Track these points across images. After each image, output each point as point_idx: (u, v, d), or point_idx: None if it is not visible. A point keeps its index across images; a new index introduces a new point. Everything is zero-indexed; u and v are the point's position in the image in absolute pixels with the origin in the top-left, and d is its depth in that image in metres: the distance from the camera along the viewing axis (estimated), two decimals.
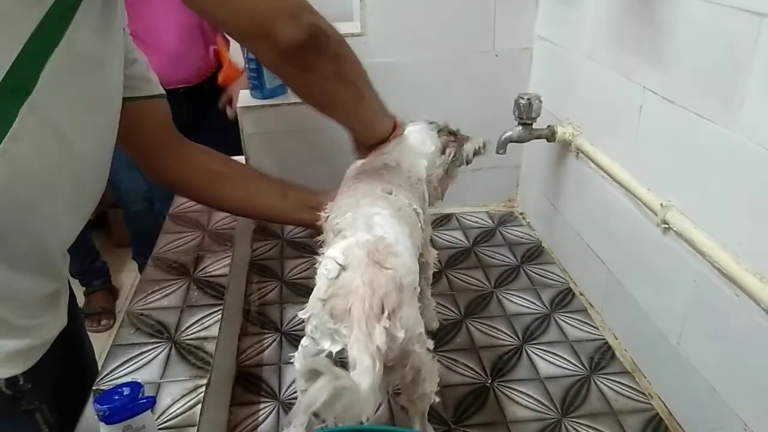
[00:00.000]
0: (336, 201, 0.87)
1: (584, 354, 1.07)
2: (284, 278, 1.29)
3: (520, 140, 1.25)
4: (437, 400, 0.76)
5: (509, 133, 1.23)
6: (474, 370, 1.03)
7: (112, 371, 0.81)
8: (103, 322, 2.33)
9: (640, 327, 1.01)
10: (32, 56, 0.61)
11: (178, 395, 0.77)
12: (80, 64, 0.67)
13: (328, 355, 0.67)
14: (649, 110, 0.95)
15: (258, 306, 1.21)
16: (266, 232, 1.47)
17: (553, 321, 1.16)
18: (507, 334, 1.12)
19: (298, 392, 0.78)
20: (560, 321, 1.16)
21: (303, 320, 0.71)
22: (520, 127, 1.23)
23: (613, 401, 0.97)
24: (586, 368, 1.04)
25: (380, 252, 0.69)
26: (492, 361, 1.05)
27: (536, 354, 1.07)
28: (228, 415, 0.94)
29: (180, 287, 0.99)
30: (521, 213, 1.55)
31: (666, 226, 0.91)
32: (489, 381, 1.01)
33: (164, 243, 1.13)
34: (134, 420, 0.65)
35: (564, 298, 1.23)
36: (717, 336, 0.83)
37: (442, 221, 1.51)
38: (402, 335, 0.65)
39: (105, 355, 0.85)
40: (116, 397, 0.65)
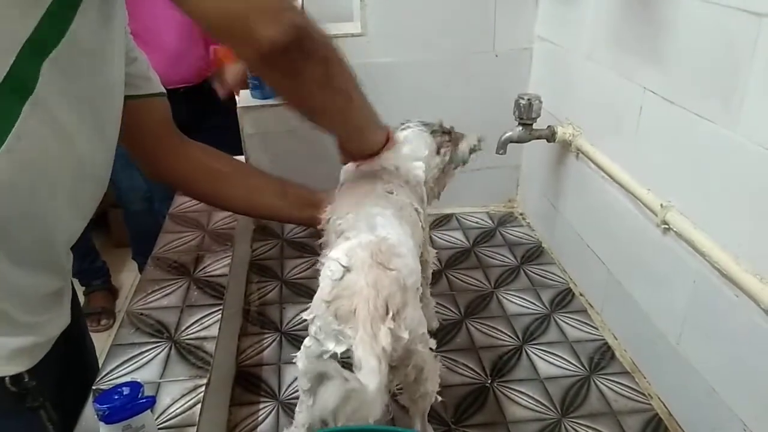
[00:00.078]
0: (336, 202, 0.87)
1: (584, 354, 1.07)
2: (284, 278, 1.29)
3: (520, 140, 1.25)
4: (439, 400, 0.76)
5: (509, 134, 1.24)
6: (474, 371, 1.03)
7: (112, 371, 0.81)
8: (103, 322, 2.33)
9: (640, 327, 1.01)
10: (33, 55, 0.61)
11: (178, 395, 0.77)
12: (81, 62, 0.67)
13: (333, 356, 0.67)
14: (649, 110, 0.95)
15: (258, 306, 1.21)
16: (266, 232, 1.47)
17: (553, 321, 1.16)
18: (507, 335, 1.12)
19: (300, 392, 0.78)
20: (560, 321, 1.16)
21: (304, 320, 0.71)
22: (520, 128, 1.23)
23: (613, 401, 0.97)
24: (586, 368, 1.04)
25: (384, 253, 0.69)
26: (492, 362, 1.05)
27: (536, 354, 1.07)
28: (228, 415, 0.94)
29: (180, 287, 0.99)
30: (521, 213, 1.55)
31: (666, 227, 0.91)
32: (489, 381, 1.01)
33: (164, 243, 1.13)
34: (134, 420, 0.65)
35: (564, 299, 1.23)
36: (717, 336, 0.83)
37: (442, 221, 1.51)
38: (406, 336, 0.65)
39: (105, 355, 0.85)
40: (116, 397, 0.65)
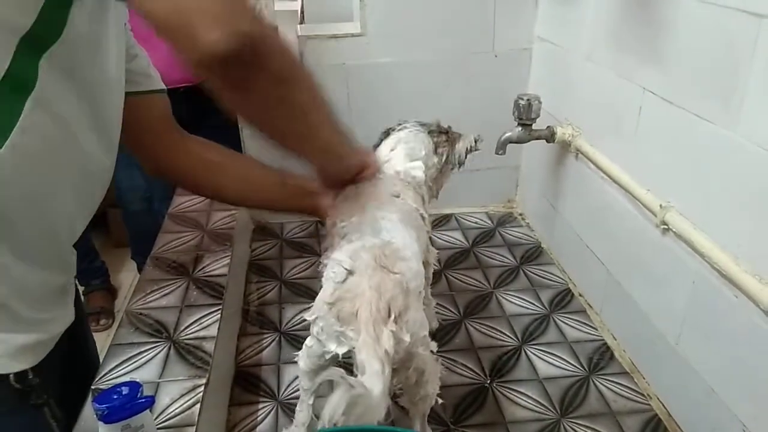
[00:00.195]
0: (341, 206, 0.86)
1: (583, 354, 1.07)
2: (283, 278, 1.29)
3: (520, 141, 1.25)
4: (440, 402, 0.76)
5: (509, 134, 1.24)
6: (473, 371, 1.03)
7: (111, 370, 0.81)
8: (102, 322, 2.33)
9: (639, 328, 1.01)
10: (31, 51, 0.61)
11: (177, 395, 0.77)
12: (79, 56, 0.67)
13: (334, 357, 0.67)
14: (649, 111, 0.95)
15: (257, 306, 1.21)
16: (265, 232, 1.47)
17: (552, 322, 1.16)
18: (506, 335, 1.12)
19: (301, 390, 0.78)
20: (559, 322, 1.16)
21: (304, 320, 0.72)
22: (520, 128, 1.23)
23: (612, 402, 0.97)
24: (585, 369, 1.04)
25: (387, 257, 0.69)
26: (491, 362, 1.05)
27: (535, 354, 1.07)
28: (227, 415, 0.94)
29: (179, 287, 0.99)
30: (520, 214, 1.55)
31: (665, 227, 0.91)
32: (488, 381, 1.01)
33: (163, 242, 1.13)
34: (133, 419, 0.65)
35: (563, 299, 1.23)
36: (716, 337, 0.83)
37: (442, 221, 1.51)
38: (408, 339, 0.66)
39: (104, 355, 0.85)
40: (115, 397, 0.65)
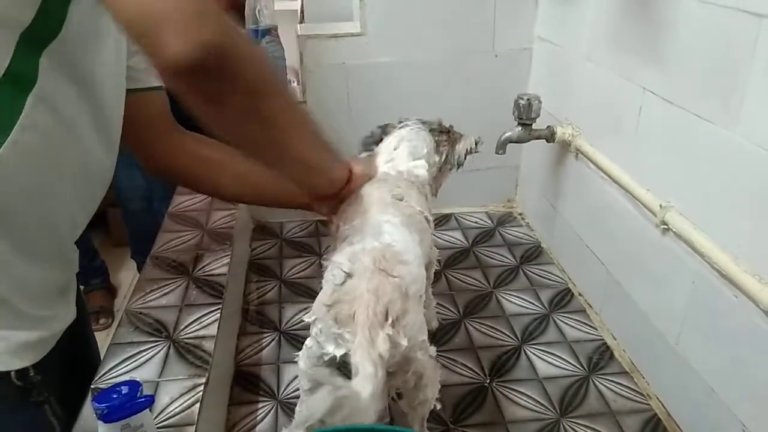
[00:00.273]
0: (344, 209, 0.86)
1: (583, 354, 1.07)
2: (283, 278, 1.29)
3: (520, 141, 1.25)
4: (438, 407, 0.75)
5: (509, 134, 1.24)
6: (473, 370, 1.03)
7: (111, 370, 0.81)
8: (102, 321, 2.33)
9: (639, 327, 1.01)
10: (31, 47, 0.61)
11: (177, 394, 0.77)
12: (78, 52, 0.67)
13: (332, 359, 0.67)
14: (649, 111, 0.95)
15: (257, 305, 1.21)
16: (265, 232, 1.47)
17: (552, 321, 1.16)
18: (506, 334, 1.12)
19: (301, 391, 0.78)
20: (559, 321, 1.16)
21: (303, 320, 0.71)
22: (520, 128, 1.23)
23: (612, 401, 0.97)
24: (585, 368, 1.04)
25: (387, 260, 0.69)
26: (491, 361, 1.05)
27: (535, 354, 1.07)
28: (226, 414, 0.94)
29: (179, 286, 0.99)
30: (520, 213, 1.55)
31: (665, 227, 0.91)
32: (487, 381, 1.01)
33: (163, 242, 1.13)
34: (132, 419, 0.65)
35: (563, 299, 1.23)
36: (716, 337, 0.83)
37: (442, 221, 1.51)
38: (405, 343, 0.65)
39: (103, 354, 0.85)
40: (114, 396, 0.65)
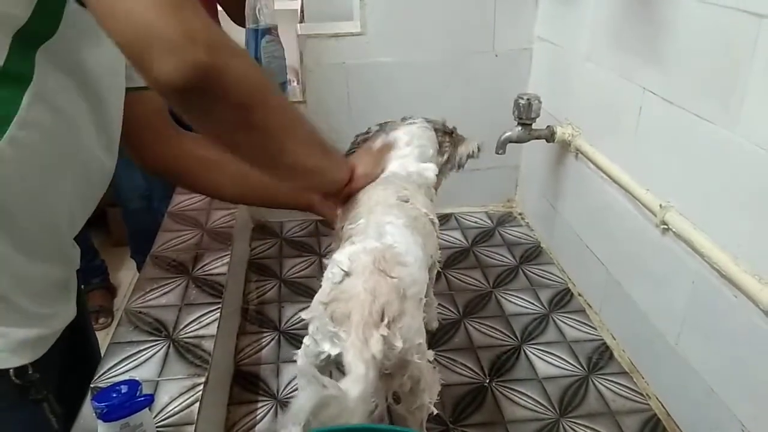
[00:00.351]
0: (349, 209, 0.86)
1: (582, 354, 1.07)
2: (283, 277, 1.29)
3: (520, 140, 1.25)
4: (435, 413, 0.74)
5: (509, 134, 1.24)
6: (472, 370, 1.03)
7: (110, 369, 0.81)
8: (101, 321, 2.33)
9: (639, 327, 1.01)
10: (27, 45, 0.61)
11: (176, 393, 0.77)
12: (77, 51, 0.67)
13: (327, 358, 0.67)
14: (649, 111, 0.95)
15: (256, 305, 1.21)
16: (265, 231, 1.47)
17: (552, 321, 1.16)
18: (505, 334, 1.12)
19: (298, 389, 0.78)
20: (558, 321, 1.16)
21: (303, 319, 0.71)
22: (520, 128, 1.23)
23: (611, 401, 0.97)
24: (584, 368, 1.04)
25: (387, 260, 0.69)
26: (490, 361, 1.05)
27: (534, 354, 1.07)
28: (226, 414, 0.94)
29: (178, 285, 0.99)
30: (520, 213, 1.55)
31: (665, 227, 0.91)
32: (487, 381, 1.01)
33: (163, 241, 1.13)
34: (132, 418, 0.65)
35: (562, 299, 1.23)
36: (715, 337, 0.83)
37: (441, 221, 1.50)
38: (400, 345, 0.64)
39: (103, 353, 0.85)
40: (114, 395, 0.65)
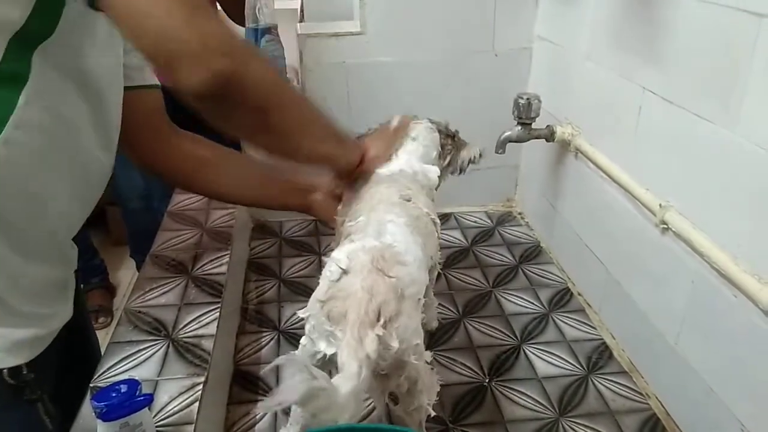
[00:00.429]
0: (351, 204, 0.86)
1: (582, 354, 1.07)
2: (282, 277, 1.29)
3: (519, 140, 1.25)
4: (432, 415, 0.73)
5: (508, 133, 1.23)
6: (472, 370, 1.03)
7: (110, 368, 0.81)
8: (101, 320, 2.33)
9: (638, 327, 1.01)
10: (24, 46, 0.61)
11: (176, 393, 0.77)
12: (75, 52, 0.67)
13: (323, 357, 0.66)
14: (649, 110, 0.95)
15: (256, 304, 1.20)
16: (265, 231, 1.46)
17: (551, 321, 1.16)
18: (505, 334, 1.12)
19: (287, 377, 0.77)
20: (558, 321, 1.16)
21: (302, 319, 0.71)
22: (519, 127, 1.23)
23: (611, 401, 0.97)
24: (584, 368, 1.04)
25: (386, 260, 0.69)
26: (490, 361, 1.05)
27: (534, 354, 1.07)
28: (225, 413, 0.94)
29: (178, 285, 0.99)
30: (520, 213, 1.55)
31: (665, 227, 0.91)
32: (487, 380, 1.01)
33: (162, 240, 1.12)
34: (131, 417, 0.65)
35: (562, 298, 1.23)
36: (715, 336, 0.83)
37: (441, 220, 1.49)
38: (396, 345, 0.64)
39: (102, 353, 0.85)
40: (113, 395, 0.65)
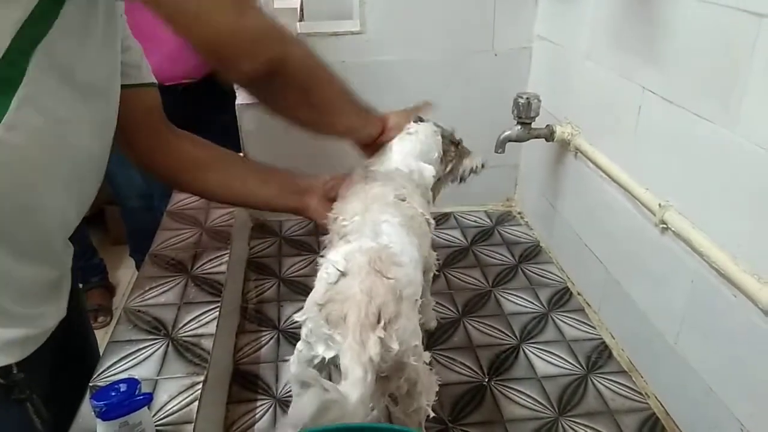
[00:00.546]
0: (345, 202, 0.85)
1: (581, 353, 1.07)
2: (282, 276, 1.29)
3: (519, 139, 1.24)
4: (431, 416, 0.73)
5: (508, 133, 1.23)
6: (471, 369, 1.03)
7: (109, 368, 0.81)
8: (100, 319, 2.33)
9: (638, 327, 1.01)
10: (22, 47, 0.61)
11: (175, 392, 0.77)
12: (72, 51, 0.66)
13: (322, 361, 0.66)
14: (648, 110, 0.95)
15: (255, 303, 1.20)
16: (264, 230, 1.46)
17: (551, 320, 1.16)
18: (504, 333, 1.12)
19: (293, 396, 0.77)
20: (558, 320, 1.16)
21: (297, 321, 0.71)
22: (519, 127, 1.23)
23: (610, 400, 0.97)
24: (583, 367, 1.04)
25: (383, 261, 0.68)
26: (489, 360, 1.05)
27: (533, 353, 1.07)
28: (225, 413, 0.94)
29: (177, 284, 0.99)
30: (519, 212, 1.55)
31: (664, 226, 0.91)
32: (486, 380, 1.01)
33: (162, 240, 1.13)
34: (131, 416, 0.65)
35: (561, 298, 1.23)
36: (715, 336, 0.83)
37: (440, 220, 1.51)
38: (396, 347, 0.64)
39: (102, 352, 0.85)
40: (113, 394, 0.65)
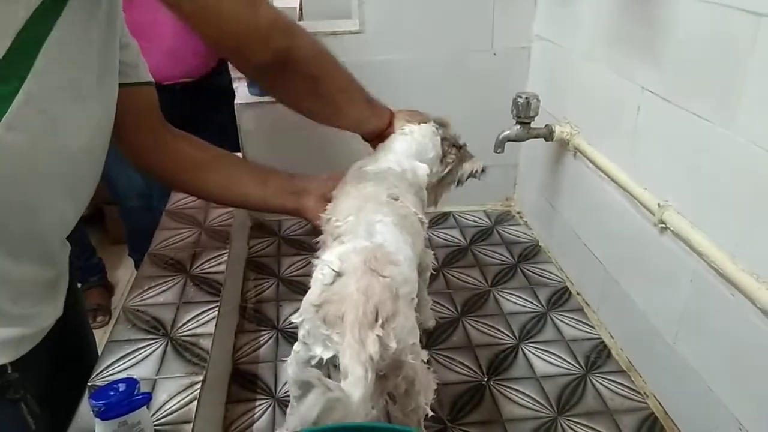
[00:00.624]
0: (338, 202, 0.85)
1: (580, 353, 1.07)
2: (281, 275, 1.29)
3: (518, 139, 1.24)
4: (430, 414, 0.73)
5: (507, 132, 1.23)
6: (470, 369, 1.03)
7: (108, 367, 0.81)
8: (99, 319, 2.33)
9: (637, 326, 1.01)
10: (24, 47, 0.61)
11: (174, 392, 0.77)
12: (73, 53, 0.66)
13: (320, 361, 0.66)
14: (647, 110, 0.95)
15: (254, 303, 1.20)
16: (263, 229, 1.46)
17: (550, 320, 1.16)
18: (503, 333, 1.12)
19: (291, 398, 0.77)
20: (556, 320, 1.16)
21: (293, 323, 0.71)
22: (518, 126, 1.23)
23: (609, 400, 0.97)
24: (582, 367, 1.04)
25: (378, 260, 0.68)
26: (488, 360, 1.05)
27: (532, 353, 1.07)
28: (224, 412, 0.94)
29: (176, 284, 0.99)
30: (518, 212, 1.55)
31: (663, 226, 0.91)
32: (485, 379, 1.01)
33: (161, 239, 1.12)
34: (130, 416, 0.65)
35: (560, 297, 1.23)
36: (713, 336, 0.83)
37: (440, 220, 1.51)
38: (394, 345, 0.64)
39: (101, 352, 0.85)
40: (112, 394, 0.65)
